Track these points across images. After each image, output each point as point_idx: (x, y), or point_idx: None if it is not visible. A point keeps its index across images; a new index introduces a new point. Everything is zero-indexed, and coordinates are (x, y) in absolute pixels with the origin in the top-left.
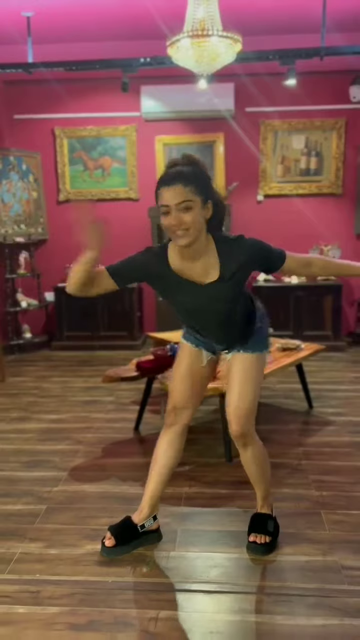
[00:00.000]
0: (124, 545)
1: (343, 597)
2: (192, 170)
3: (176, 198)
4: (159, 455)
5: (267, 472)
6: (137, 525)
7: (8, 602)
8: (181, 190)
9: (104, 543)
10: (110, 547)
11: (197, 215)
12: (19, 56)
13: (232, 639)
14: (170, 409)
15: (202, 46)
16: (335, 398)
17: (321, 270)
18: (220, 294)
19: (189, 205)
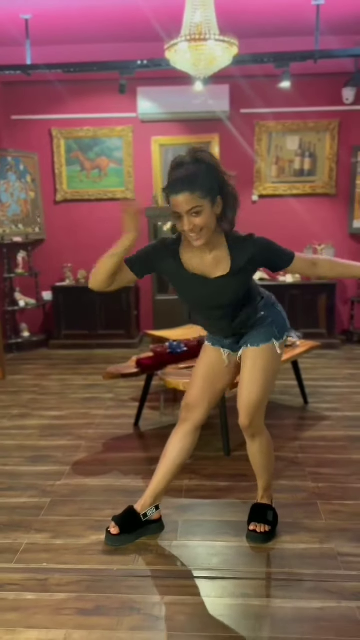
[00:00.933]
0: (128, 533)
1: (340, 581)
2: (197, 171)
3: (186, 205)
4: (168, 449)
5: (272, 465)
6: (139, 514)
7: (17, 590)
8: (189, 197)
9: (109, 532)
10: (115, 535)
11: (208, 217)
12: (18, 58)
13: (234, 622)
14: (183, 406)
15: (200, 50)
16: (330, 394)
17: (328, 271)
18: (227, 288)
19: (198, 210)
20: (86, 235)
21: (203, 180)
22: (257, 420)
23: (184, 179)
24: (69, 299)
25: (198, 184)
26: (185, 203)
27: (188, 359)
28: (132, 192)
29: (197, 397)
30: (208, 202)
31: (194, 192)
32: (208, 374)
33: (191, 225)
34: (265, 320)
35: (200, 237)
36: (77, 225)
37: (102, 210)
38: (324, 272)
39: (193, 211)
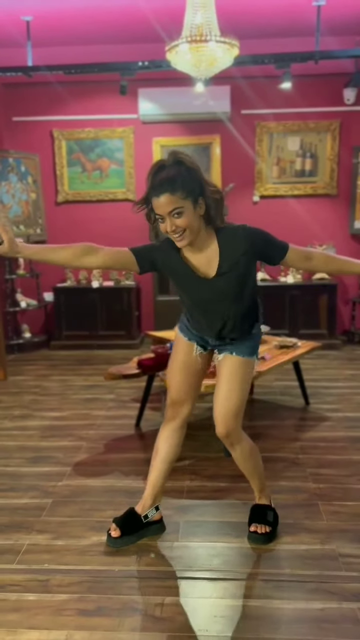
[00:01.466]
0: (129, 535)
1: (341, 582)
2: (178, 172)
3: (167, 207)
4: (159, 448)
5: (259, 467)
6: (140, 515)
7: (18, 590)
8: (169, 198)
9: (110, 534)
10: (116, 537)
11: (190, 217)
12: (19, 59)
13: (235, 622)
14: (169, 404)
15: (200, 51)
16: (330, 395)
17: (323, 265)
18: (225, 288)
19: (180, 211)
20: (87, 236)
21: (183, 182)
22: (234, 429)
23: (165, 180)
24: (70, 300)
25: (179, 185)
26: (166, 204)
27: None
28: (133, 193)
29: (182, 393)
30: (189, 203)
31: (174, 193)
32: (186, 368)
33: (173, 227)
34: (255, 337)
35: (183, 238)
36: (78, 226)
37: (103, 212)
38: (319, 266)
39: (174, 212)
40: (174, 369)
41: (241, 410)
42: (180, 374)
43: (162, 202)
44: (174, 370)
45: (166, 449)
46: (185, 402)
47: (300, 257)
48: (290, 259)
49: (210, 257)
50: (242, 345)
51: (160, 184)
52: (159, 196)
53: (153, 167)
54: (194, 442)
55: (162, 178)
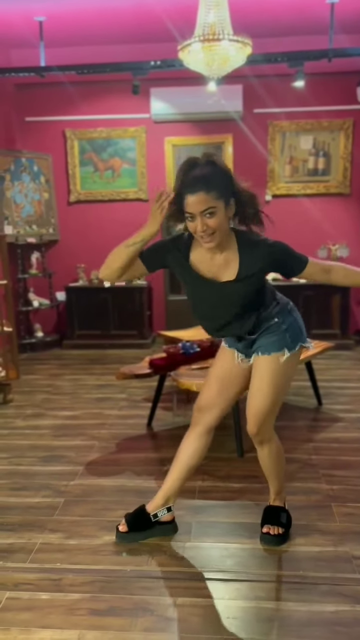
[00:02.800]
0: (136, 532)
1: (354, 585)
2: (212, 172)
3: (201, 206)
4: (181, 452)
5: (282, 470)
6: (149, 514)
7: (31, 589)
8: (204, 197)
9: (118, 529)
10: (123, 532)
11: (222, 218)
12: (32, 59)
13: (248, 624)
14: (195, 408)
15: (213, 50)
16: (343, 395)
17: (342, 278)
18: (235, 294)
19: (213, 212)
20: (99, 236)
21: (218, 181)
22: (265, 428)
23: (200, 178)
24: (82, 300)
25: (213, 185)
26: (200, 203)
27: (201, 359)
28: (145, 192)
29: (210, 400)
30: (222, 204)
31: (209, 192)
32: (222, 376)
33: (204, 227)
34: (279, 328)
35: (213, 240)
36: (90, 226)
37: (115, 211)
38: (338, 279)
39: (207, 212)
40: (210, 375)
41: (273, 409)
42: (215, 381)
43: (196, 200)
44: (210, 377)
45: (188, 454)
46: (212, 410)
47: (318, 270)
48: (309, 273)
49: (228, 260)
50: (266, 342)
51: (195, 182)
52: (193, 194)
53: (185, 164)
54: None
55: (196, 176)
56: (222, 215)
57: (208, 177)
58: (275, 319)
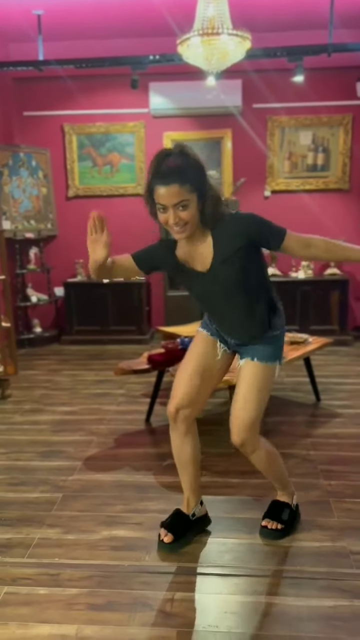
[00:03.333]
0: (182, 537)
1: (352, 580)
2: (186, 163)
3: (173, 199)
4: (176, 454)
5: (279, 470)
6: (187, 515)
7: (29, 584)
8: (178, 190)
9: (163, 540)
10: (170, 542)
11: (194, 211)
12: (30, 53)
13: (246, 619)
14: (171, 409)
15: (212, 44)
16: (342, 391)
17: (323, 252)
18: (223, 279)
19: (186, 204)
20: None
21: (192, 174)
22: (250, 438)
23: (174, 168)
24: (80, 295)
25: (188, 177)
26: (173, 195)
27: None
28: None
29: (190, 397)
30: (195, 197)
31: (183, 185)
32: (202, 369)
33: (176, 219)
34: (278, 340)
35: (184, 231)
36: (88, 221)
37: (113, 206)
38: (319, 253)
39: (180, 204)
40: (185, 367)
41: (257, 419)
42: (194, 375)
43: (169, 192)
44: (185, 369)
45: (184, 453)
46: (191, 408)
47: (300, 243)
48: (289, 246)
49: (205, 250)
50: (264, 350)
51: (169, 173)
52: (167, 185)
53: (158, 155)
54: (205, 437)
55: (170, 166)
56: (194, 208)
57: (183, 168)
58: (278, 330)
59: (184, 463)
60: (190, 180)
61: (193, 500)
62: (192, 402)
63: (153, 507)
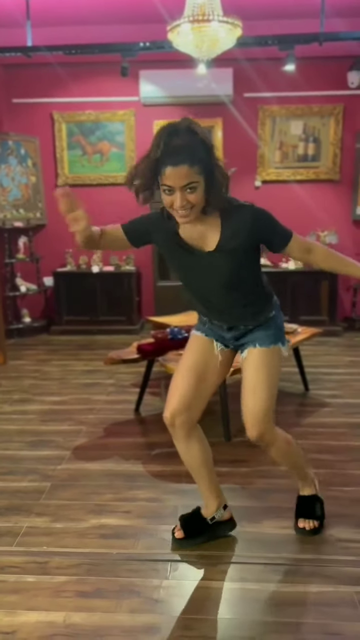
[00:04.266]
0: (194, 537)
1: (337, 566)
2: (195, 142)
3: (183, 180)
4: (185, 461)
5: (298, 460)
6: (206, 518)
7: (17, 572)
8: (187, 171)
9: (174, 534)
10: (180, 538)
11: (202, 194)
12: (18, 39)
13: (233, 605)
14: (168, 415)
15: (203, 31)
16: (330, 381)
17: (321, 261)
18: (221, 264)
19: (194, 186)
20: None
21: (201, 154)
22: (267, 429)
23: (184, 147)
24: (70, 285)
25: (197, 157)
26: (182, 177)
27: None
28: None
29: (187, 401)
30: (203, 179)
31: (193, 166)
32: (200, 371)
33: (184, 202)
34: (275, 322)
35: (189, 215)
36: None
37: (103, 195)
38: (317, 261)
39: (189, 186)
40: (183, 371)
41: (271, 408)
42: (191, 378)
43: (178, 173)
44: (183, 373)
45: (193, 458)
46: (188, 412)
47: (301, 248)
48: (292, 249)
49: (210, 230)
50: (263, 335)
51: (178, 153)
52: (175, 165)
53: (164, 130)
54: None
55: (178, 145)
56: (202, 190)
57: (191, 148)
58: (273, 312)
59: (195, 468)
60: (200, 160)
61: (212, 505)
62: (188, 407)
63: (142, 496)
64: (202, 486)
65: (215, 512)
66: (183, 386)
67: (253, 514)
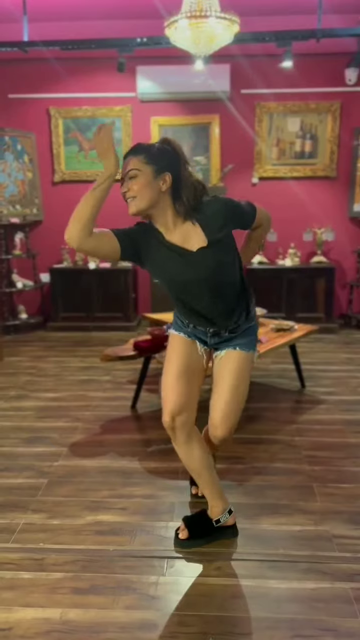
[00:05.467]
0: (198, 538)
1: (333, 563)
2: (152, 145)
3: (126, 168)
4: (186, 464)
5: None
6: (212, 519)
7: (13, 569)
8: (131, 159)
9: (178, 534)
10: (183, 539)
11: (144, 184)
12: (15, 34)
13: (229, 601)
14: (168, 418)
15: (200, 27)
16: (327, 378)
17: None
18: (208, 260)
19: (134, 174)
20: None
21: (153, 152)
22: (233, 429)
23: (133, 147)
24: (66, 281)
25: (144, 150)
26: (126, 165)
27: None
28: None
29: (182, 403)
30: (150, 171)
31: (136, 156)
32: (186, 373)
33: (125, 188)
34: (254, 330)
35: (132, 204)
36: (75, 206)
37: None
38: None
39: (130, 174)
40: (171, 373)
41: (241, 409)
42: (181, 380)
43: (124, 163)
44: (172, 376)
45: (196, 461)
46: (185, 413)
47: (262, 216)
48: (257, 220)
49: (191, 230)
50: (245, 339)
51: (128, 151)
52: (124, 159)
53: None
54: None
55: (131, 147)
56: (146, 181)
57: (142, 146)
58: (253, 321)
59: (197, 471)
60: (146, 153)
61: (217, 507)
62: (185, 406)
63: (138, 493)
64: (206, 489)
65: (221, 515)
66: (177, 387)
67: (249, 511)
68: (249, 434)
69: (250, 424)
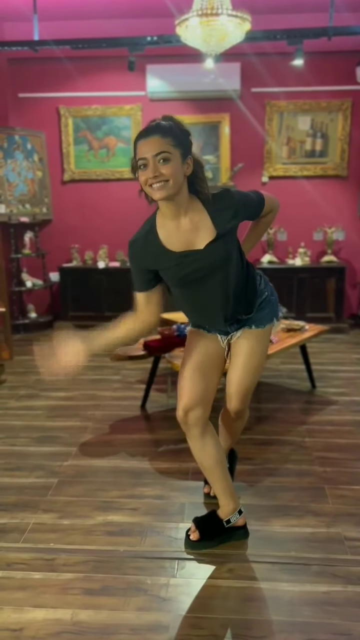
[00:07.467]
0: (209, 540)
1: (346, 566)
2: (171, 124)
3: (154, 149)
4: (199, 460)
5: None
6: (222, 520)
7: (24, 569)
8: (159, 141)
9: (189, 536)
10: (195, 541)
11: (176, 168)
12: (25, 33)
13: (240, 604)
14: (180, 414)
15: (211, 25)
16: (337, 378)
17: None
18: (217, 253)
19: (167, 157)
20: (94, 216)
21: (176, 132)
22: (248, 402)
23: (155, 126)
24: (75, 280)
25: (170, 132)
26: (154, 146)
27: None
28: None
29: (198, 398)
30: (178, 154)
31: (165, 137)
32: (205, 367)
33: (156, 172)
34: (269, 302)
35: (163, 188)
36: (84, 205)
37: (110, 191)
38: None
39: (161, 156)
40: (188, 367)
41: (256, 383)
42: (198, 375)
43: (149, 144)
44: (189, 370)
45: (209, 458)
46: (200, 408)
47: (269, 204)
48: (265, 209)
49: (197, 222)
50: (261, 316)
51: (150, 129)
52: (147, 137)
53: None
54: None
55: (154, 125)
56: (177, 165)
57: (165, 125)
58: (265, 293)
59: (210, 468)
60: (173, 135)
61: (228, 507)
62: (200, 401)
63: (148, 493)
64: (218, 487)
65: (232, 515)
66: (192, 382)
67: (260, 512)
68: (260, 434)
69: (260, 424)
